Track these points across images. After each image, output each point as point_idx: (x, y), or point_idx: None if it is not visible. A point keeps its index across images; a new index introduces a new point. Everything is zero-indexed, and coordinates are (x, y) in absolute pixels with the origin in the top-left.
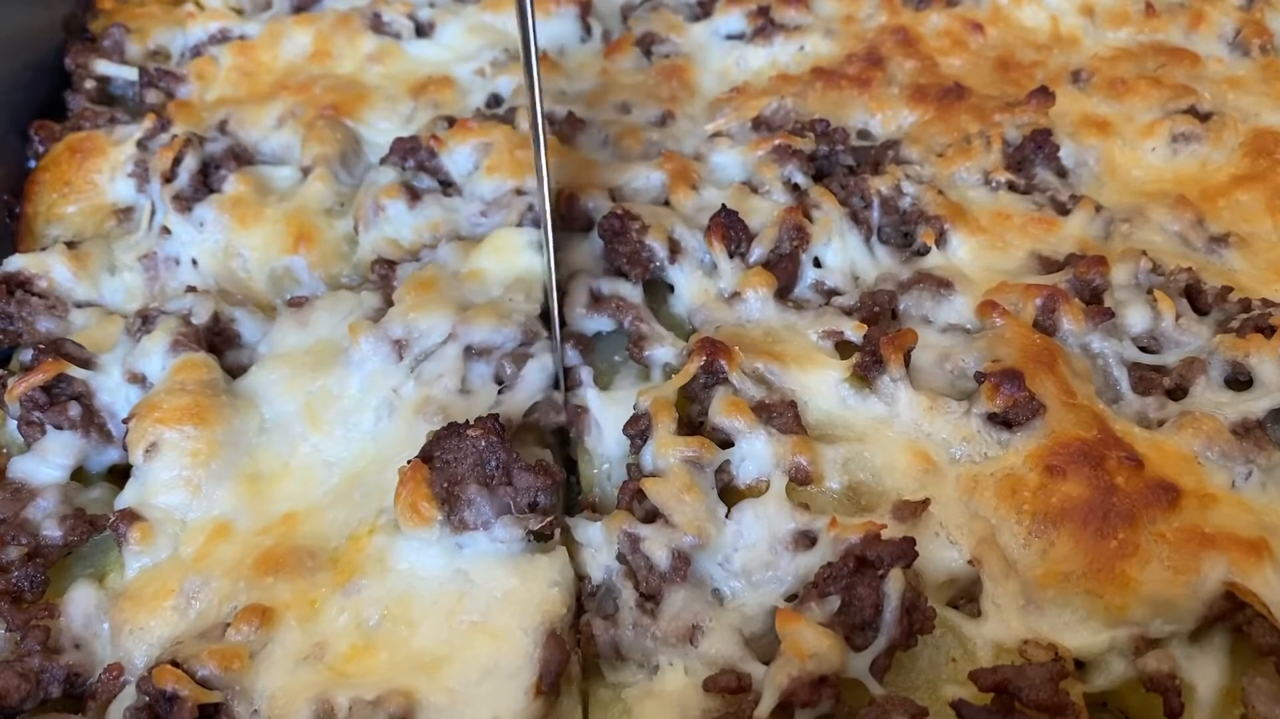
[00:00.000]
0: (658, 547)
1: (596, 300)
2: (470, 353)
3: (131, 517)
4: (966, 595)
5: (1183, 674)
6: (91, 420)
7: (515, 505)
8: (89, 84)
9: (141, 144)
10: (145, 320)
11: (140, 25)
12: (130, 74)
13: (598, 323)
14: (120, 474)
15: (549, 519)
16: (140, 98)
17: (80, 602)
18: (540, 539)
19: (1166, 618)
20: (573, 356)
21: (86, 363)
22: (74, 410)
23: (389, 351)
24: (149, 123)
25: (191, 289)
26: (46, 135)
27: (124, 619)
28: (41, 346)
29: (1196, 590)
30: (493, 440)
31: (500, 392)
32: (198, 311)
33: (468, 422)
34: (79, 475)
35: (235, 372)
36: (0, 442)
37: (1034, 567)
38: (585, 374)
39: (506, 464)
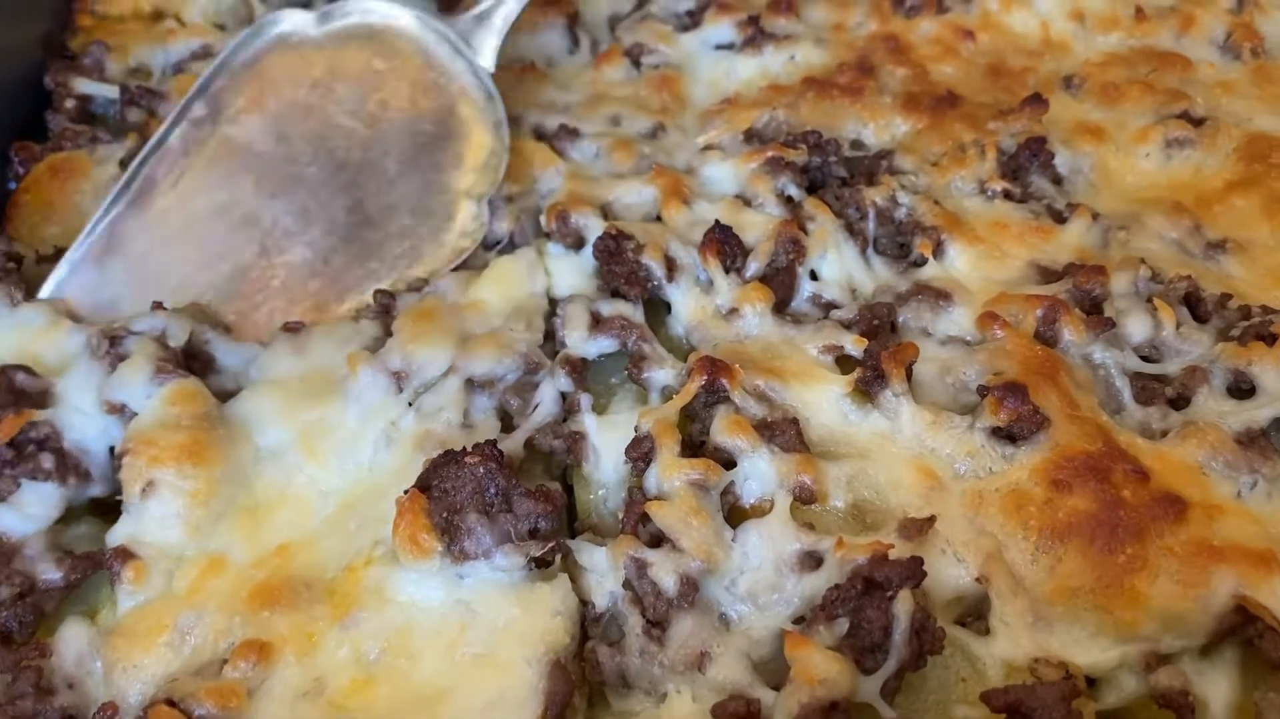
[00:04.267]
0: (665, 572)
1: (598, 322)
2: (472, 385)
3: (125, 554)
4: (974, 613)
5: (1194, 689)
6: (67, 466)
7: (516, 533)
8: (70, 103)
9: (124, 163)
10: (112, 341)
11: (121, 43)
12: (111, 92)
13: (600, 345)
14: (102, 503)
15: (550, 545)
16: (122, 116)
17: (72, 640)
18: (541, 566)
19: (1177, 633)
20: (567, 383)
21: (43, 395)
22: (47, 462)
23: (388, 383)
24: (131, 142)
25: (158, 305)
26: (27, 156)
27: (117, 657)
28: None
29: (1206, 604)
30: (491, 467)
31: (502, 429)
32: (173, 333)
33: (465, 449)
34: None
35: (217, 397)
36: None
37: (1042, 583)
38: (584, 401)
39: (506, 491)
